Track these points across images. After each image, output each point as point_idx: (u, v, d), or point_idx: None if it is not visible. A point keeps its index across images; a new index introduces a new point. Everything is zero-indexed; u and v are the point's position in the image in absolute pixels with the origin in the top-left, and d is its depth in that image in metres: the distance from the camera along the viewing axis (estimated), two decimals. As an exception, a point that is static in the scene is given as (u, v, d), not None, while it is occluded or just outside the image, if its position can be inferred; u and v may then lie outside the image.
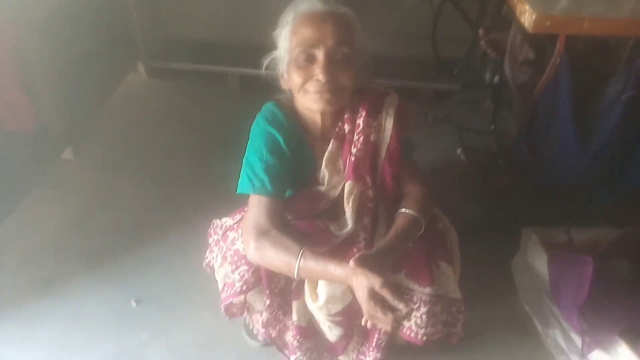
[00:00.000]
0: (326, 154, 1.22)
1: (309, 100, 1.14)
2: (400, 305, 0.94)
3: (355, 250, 1.19)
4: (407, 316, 0.96)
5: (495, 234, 1.78)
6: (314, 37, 1.09)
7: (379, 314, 0.95)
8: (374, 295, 0.96)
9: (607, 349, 1.29)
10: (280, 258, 1.09)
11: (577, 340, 1.33)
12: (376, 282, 0.96)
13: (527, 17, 1.35)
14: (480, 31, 1.85)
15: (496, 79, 2.20)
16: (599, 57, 1.52)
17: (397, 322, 0.96)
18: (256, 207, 1.15)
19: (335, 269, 1.04)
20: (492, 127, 2.03)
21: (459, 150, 2.25)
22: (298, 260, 1.06)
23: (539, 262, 1.49)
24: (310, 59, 1.11)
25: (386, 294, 0.95)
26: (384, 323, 0.97)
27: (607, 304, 1.40)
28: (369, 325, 1.04)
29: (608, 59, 1.51)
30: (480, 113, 2.38)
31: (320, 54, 1.10)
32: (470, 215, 1.85)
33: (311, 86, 1.12)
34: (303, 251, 1.07)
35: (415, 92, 2.66)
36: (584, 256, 1.39)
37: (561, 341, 1.41)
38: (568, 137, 1.52)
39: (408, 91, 2.63)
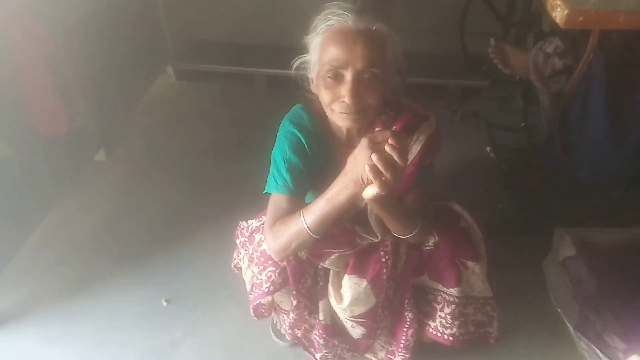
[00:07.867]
0: None
1: (336, 118, 1.12)
2: (386, 134, 0.92)
3: (382, 253, 1.19)
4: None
5: (525, 233, 1.75)
6: (342, 57, 1.04)
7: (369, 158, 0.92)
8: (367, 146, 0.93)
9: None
10: (291, 229, 1.09)
11: (611, 343, 1.30)
12: (363, 141, 0.95)
13: (558, 12, 1.32)
14: (492, 40, 1.80)
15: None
16: (634, 52, 1.47)
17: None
18: (275, 204, 1.16)
19: (333, 189, 1.03)
20: (522, 124, 1.99)
21: (488, 148, 2.22)
22: (302, 219, 1.07)
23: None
24: (338, 78, 1.07)
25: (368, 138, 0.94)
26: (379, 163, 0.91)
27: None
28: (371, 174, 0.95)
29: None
30: (510, 110, 2.34)
31: (348, 76, 1.06)
32: (500, 214, 1.82)
33: (337, 106, 1.09)
34: (303, 210, 1.08)
35: (443, 89, 2.62)
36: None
37: (594, 345, 1.38)
38: (602, 133, 1.48)
39: (435, 88, 2.61)
